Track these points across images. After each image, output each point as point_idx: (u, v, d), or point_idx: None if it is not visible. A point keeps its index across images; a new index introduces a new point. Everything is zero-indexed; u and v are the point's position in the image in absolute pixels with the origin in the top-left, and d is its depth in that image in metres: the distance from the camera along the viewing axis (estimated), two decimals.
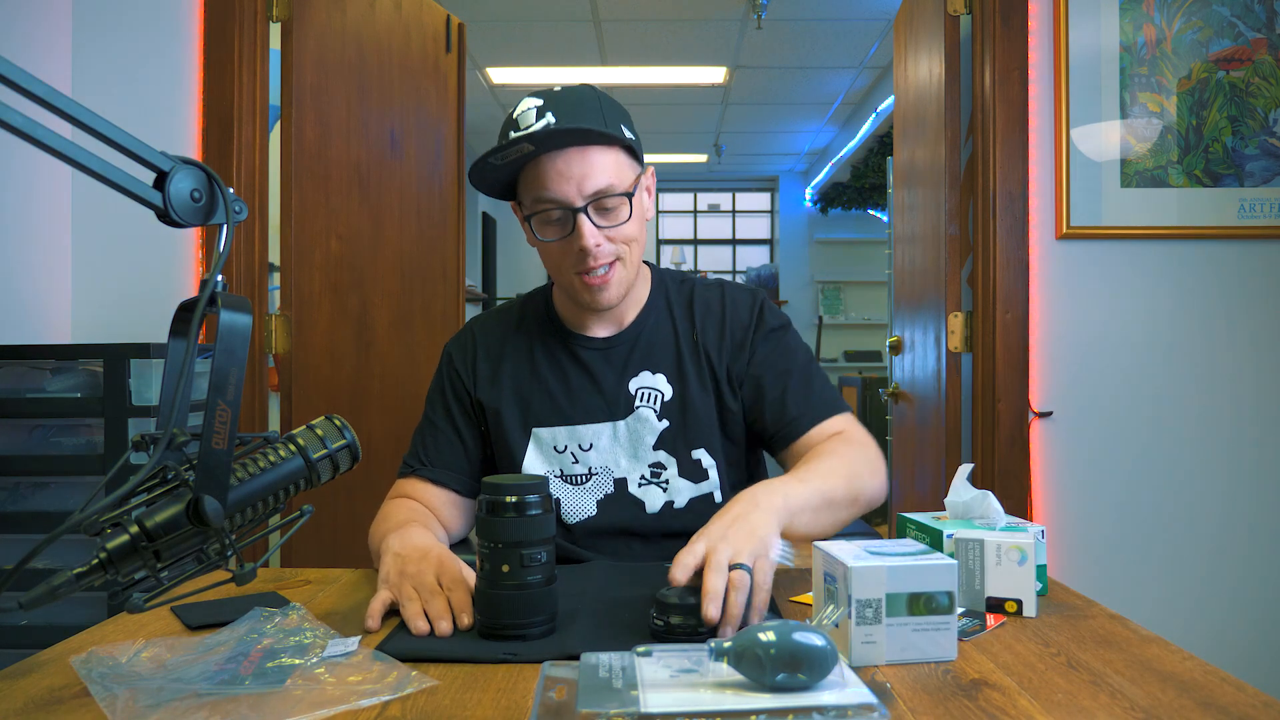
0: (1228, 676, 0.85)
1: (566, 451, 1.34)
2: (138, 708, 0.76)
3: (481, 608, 0.96)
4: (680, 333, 1.38)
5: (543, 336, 1.40)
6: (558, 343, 1.39)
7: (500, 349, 1.41)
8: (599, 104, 1.28)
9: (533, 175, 1.25)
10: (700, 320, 1.39)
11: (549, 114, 1.24)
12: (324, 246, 2.45)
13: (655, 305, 1.40)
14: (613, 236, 1.27)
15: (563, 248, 1.27)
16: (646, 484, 1.33)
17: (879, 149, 6.53)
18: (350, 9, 2.53)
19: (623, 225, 1.27)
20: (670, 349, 1.37)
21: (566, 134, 1.22)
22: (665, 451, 1.34)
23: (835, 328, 8.43)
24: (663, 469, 1.34)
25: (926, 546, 0.95)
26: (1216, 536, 2.33)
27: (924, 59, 2.65)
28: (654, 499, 1.33)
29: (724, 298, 1.40)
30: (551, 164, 1.23)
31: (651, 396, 1.35)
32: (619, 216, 1.27)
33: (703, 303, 1.40)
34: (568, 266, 1.28)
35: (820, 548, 0.95)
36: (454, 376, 1.42)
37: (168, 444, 0.78)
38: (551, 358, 1.38)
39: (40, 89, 0.74)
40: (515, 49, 5.06)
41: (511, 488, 0.95)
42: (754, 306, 1.40)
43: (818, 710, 0.71)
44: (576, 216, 1.24)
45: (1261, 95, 2.33)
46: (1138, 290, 2.34)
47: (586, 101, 1.27)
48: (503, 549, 0.94)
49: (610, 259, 1.27)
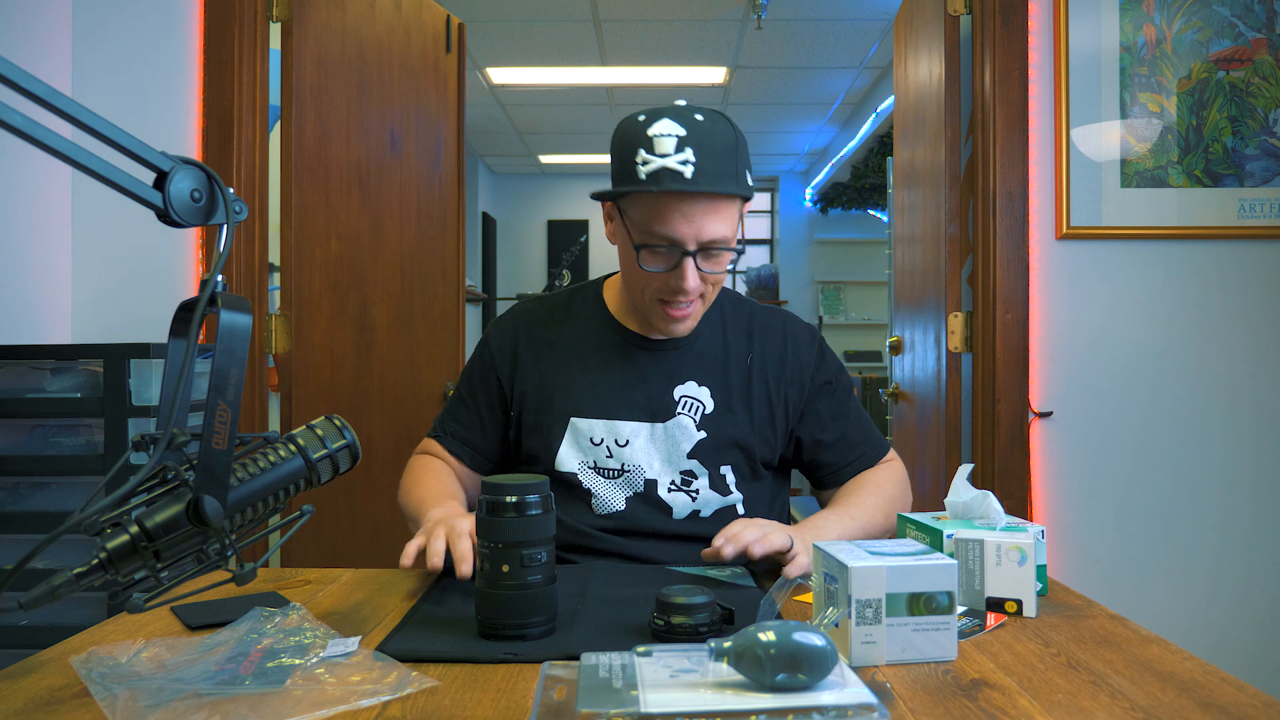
0: (1228, 676, 0.85)
1: (602, 445, 1.35)
2: (138, 708, 0.76)
3: (482, 608, 0.96)
4: (732, 352, 1.40)
5: (594, 328, 1.42)
6: (610, 337, 1.40)
7: (546, 334, 1.42)
8: (736, 149, 1.25)
9: (655, 205, 1.23)
10: (759, 345, 1.41)
11: (689, 149, 1.21)
12: (324, 246, 2.45)
13: (711, 320, 1.41)
14: (707, 279, 1.29)
15: (660, 278, 1.27)
16: (676, 490, 1.34)
17: (879, 149, 6.53)
18: (350, 9, 2.53)
19: (720, 272, 1.29)
20: (719, 365, 1.39)
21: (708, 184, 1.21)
22: (699, 462, 1.35)
23: (835, 328, 8.43)
24: (694, 478, 1.35)
25: (926, 546, 0.95)
26: (1216, 536, 2.33)
27: (924, 59, 2.65)
28: (681, 505, 1.35)
29: (785, 328, 1.44)
30: (679, 204, 1.22)
31: (693, 406, 1.36)
32: (722, 264, 1.28)
33: (762, 328, 1.43)
34: (654, 292, 1.30)
35: (820, 547, 0.95)
36: (488, 360, 1.45)
37: (168, 444, 0.78)
38: (600, 350, 1.39)
39: (40, 89, 0.74)
40: (515, 49, 5.06)
41: (512, 488, 0.95)
42: (814, 344, 1.45)
43: (818, 710, 0.71)
44: (684, 258, 1.24)
45: (1261, 95, 2.33)
46: (1137, 290, 2.34)
47: (727, 146, 1.24)
48: (503, 549, 0.94)
49: (698, 294, 1.29)
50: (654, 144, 1.21)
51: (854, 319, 8.55)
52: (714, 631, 0.93)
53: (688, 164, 1.20)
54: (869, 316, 8.45)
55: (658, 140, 1.21)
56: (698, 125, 1.23)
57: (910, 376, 2.90)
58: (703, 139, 1.22)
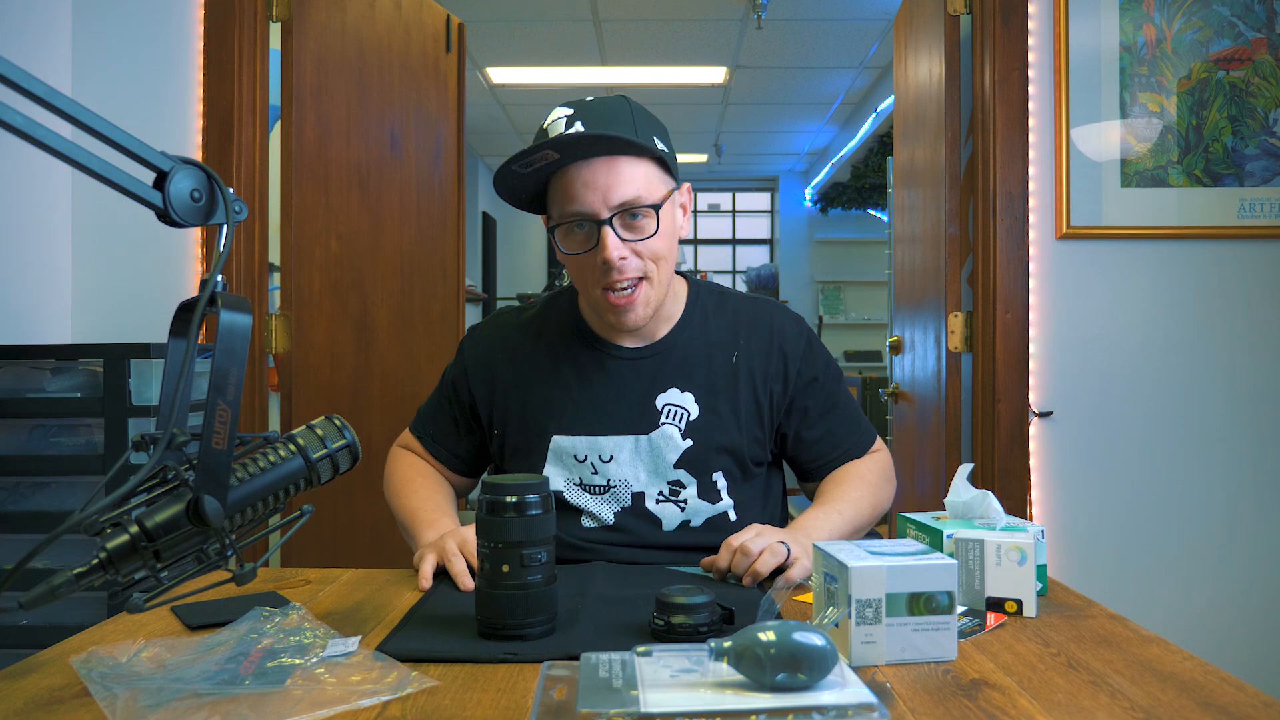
0: (1228, 676, 0.85)
1: (586, 461, 1.32)
2: (138, 708, 0.76)
3: (481, 608, 0.96)
4: (715, 353, 1.36)
5: (569, 343, 1.37)
6: (586, 351, 1.36)
7: (524, 352, 1.39)
8: (631, 114, 1.25)
9: (559, 185, 1.24)
10: (745, 340, 1.37)
11: (578, 123, 1.21)
12: (324, 246, 2.45)
13: (690, 320, 1.37)
14: (639, 251, 1.24)
15: (588, 261, 1.24)
16: (664, 501, 1.32)
17: (879, 149, 6.53)
18: (350, 9, 2.53)
19: (649, 240, 1.23)
20: (702, 368, 1.35)
21: (593, 141, 1.19)
22: (686, 471, 1.32)
23: (835, 328, 8.43)
24: (681, 488, 1.32)
25: (926, 546, 0.95)
26: (1216, 535, 2.33)
27: (924, 59, 2.65)
28: (670, 517, 1.32)
29: (772, 321, 1.39)
30: (578, 173, 1.21)
31: (677, 414, 1.33)
32: (645, 230, 1.23)
33: (749, 322, 1.38)
34: (593, 281, 1.25)
35: (821, 547, 0.95)
36: (461, 375, 1.43)
37: (168, 444, 0.78)
38: (578, 366, 1.35)
39: (40, 89, 0.74)
40: (515, 49, 5.06)
41: (512, 488, 0.95)
42: (801, 337, 1.40)
43: (818, 710, 0.71)
44: (601, 229, 1.21)
45: (1261, 95, 2.33)
46: (1138, 290, 2.34)
47: (618, 112, 1.24)
48: (503, 549, 0.94)
49: (636, 275, 1.24)
50: (548, 131, 1.24)
51: (854, 319, 8.55)
52: (714, 631, 0.93)
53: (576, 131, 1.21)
54: (869, 316, 8.46)
55: (551, 126, 1.24)
56: (588, 103, 1.26)
57: (910, 376, 2.90)
58: (591, 110, 1.24)
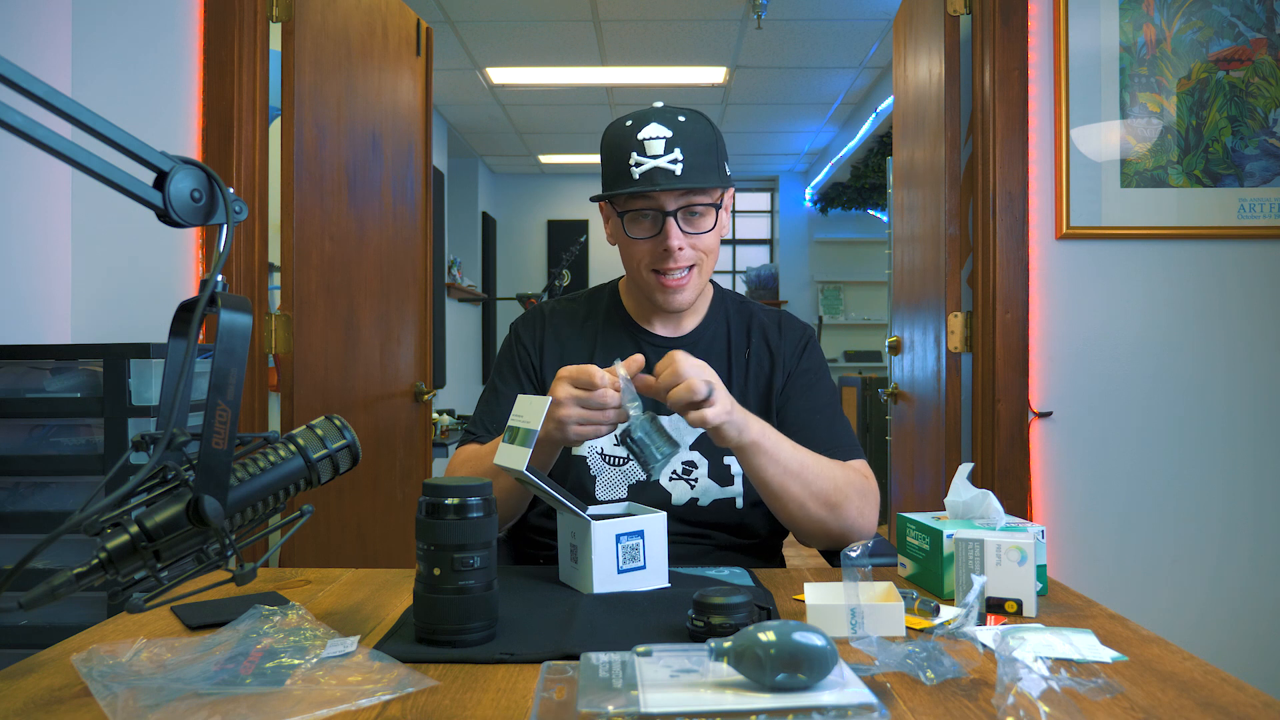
0: (1228, 676, 0.85)
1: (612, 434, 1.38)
2: (138, 707, 0.76)
3: (419, 611, 0.94)
4: (734, 349, 1.49)
5: (610, 327, 1.52)
6: (624, 334, 1.51)
7: (569, 331, 1.52)
8: (716, 144, 1.40)
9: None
10: (756, 341, 1.50)
11: (677, 149, 1.35)
12: (319, 248, 2.45)
13: (714, 318, 1.52)
14: (695, 244, 1.39)
15: (649, 246, 1.39)
16: (676, 479, 1.41)
17: (879, 149, 6.52)
18: (340, 8, 2.54)
19: (705, 235, 1.40)
20: (722, 361, 1.47)
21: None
22: (700, 453, 1.41)
23: (835, 328, 8.42)
24: (694, 467, 1.41)
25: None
26: (1216, 535, 2.33)
27: (924, 59, 2.65)
28: (680, 493, 1.40)
29: (781, 325, 1.53)
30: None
31: None
32: (704, 226, 1.39)
33: (760, 325, 1.52)
34: (647, 264, 1.40)
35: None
36: (521, 350, 1.52)
37: (168, 444, 0.78)
38: (616, 346, 1.48)
39: (40, 89, 0.74)
40: (515, 49, 5.06)
41: (453, 489, 0.93)
42: (802, 338, 1.52)
43: (818, 710, 0.71)
44: (666, 219, 1.37)
45: (1261, 95, 2.33)
46: (1137, 290, 2.34)
47: (709, 143, 1.38)
48: (440, 551, 0.92)
49: (689, 264, 1.39)
50: (645, 147, 1.35)
51: (854, 319, 8.54)
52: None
53: (677, 163, 1.34)
54: (869, 316, 8.45)
55: (649, 143, 1.35)
56: (682, 126, 1.37)
57: (910, 376, 2.90)
58: (688, 138, 1.36)
